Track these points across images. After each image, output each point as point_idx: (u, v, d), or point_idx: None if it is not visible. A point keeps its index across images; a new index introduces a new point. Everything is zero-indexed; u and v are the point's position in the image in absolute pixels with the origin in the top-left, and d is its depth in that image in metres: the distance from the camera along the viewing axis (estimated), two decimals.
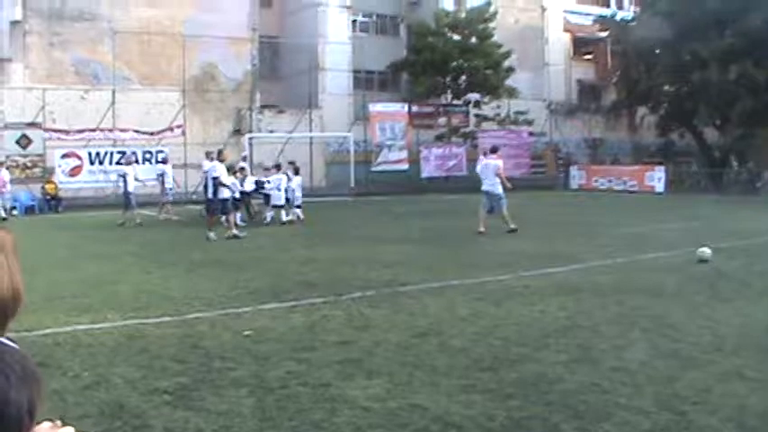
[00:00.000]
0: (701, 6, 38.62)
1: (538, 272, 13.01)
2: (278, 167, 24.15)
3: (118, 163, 31.56)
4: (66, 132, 33.15)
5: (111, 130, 34.42)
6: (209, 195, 20.19)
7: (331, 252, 16.42)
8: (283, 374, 7.10)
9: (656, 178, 38.80)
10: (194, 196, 34.66)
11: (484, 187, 20.36)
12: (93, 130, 33.88)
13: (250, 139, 35.73)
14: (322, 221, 23.90)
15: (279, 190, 22.85)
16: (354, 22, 46.59)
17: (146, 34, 36.78)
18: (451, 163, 41.90)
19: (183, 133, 35.71)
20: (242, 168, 23.07)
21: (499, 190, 19.97)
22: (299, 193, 23.90)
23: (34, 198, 30.93)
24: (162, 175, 26.70)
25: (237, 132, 38.45)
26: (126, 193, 24.66)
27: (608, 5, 51.34)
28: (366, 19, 48.74)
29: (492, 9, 43.92)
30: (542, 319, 9.29)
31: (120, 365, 7.46)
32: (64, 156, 31.98)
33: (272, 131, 38.46)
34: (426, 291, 11.38)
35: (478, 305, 10.21)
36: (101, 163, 32.05)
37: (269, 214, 23.42)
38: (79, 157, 32.17)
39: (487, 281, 12.16)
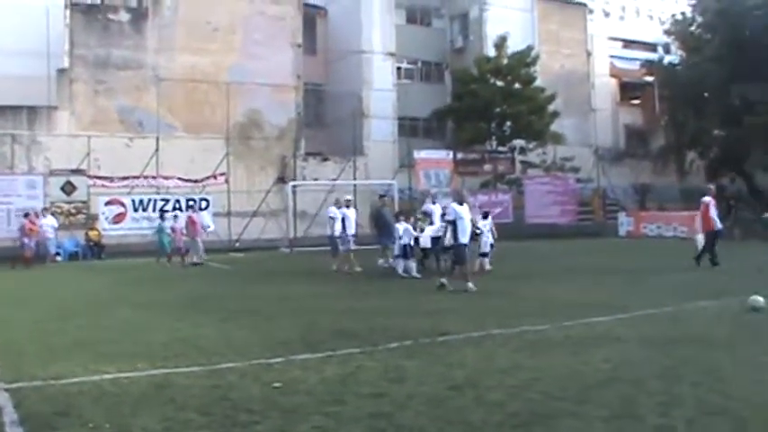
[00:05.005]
0: (748, 51, 38.24)
1: (580, 321, 12.55)
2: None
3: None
4: (111, 179, 33.41)
5: (154, 177, 34.66)
6: (452, 240, 17.90)
7: (369, 301, 16.16)
8: (309, 429, 6.80)
9: None
10: (237, 244, 34.87)
11: None
12: (137, 177, 34.16)
13: (294, 186, 35.77)
14: (365, 270, 23.54)
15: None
16: (399, 69, 46.96)
17: (190, 82, 37.29)
18: (497, 210, 41.49)
19: (227, 181, 35.86)
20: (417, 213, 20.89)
21: None
22: (490, 239, 22.39)
23: (78, 244, 31.28)
24: (343, 220, 23.84)
25: (281, 180, 38.58)
26: (332, 237, 23.87)
27: (654, 50, 51.03)
28: (411, 66, 49.17)
29: (534, 53, 43.99)
30: (584, 372, 8.84)
31: (143, 416, 7.22)
32: (107, 203, 32.23)
33: (316, 179, 38.58)
34: (466, 341, 11.01)
35: (518, 356, 9.81)
36: (144, 210, 32.17)
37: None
38: (123, 204, 32.41)
39: (527, 330, 11.76)
